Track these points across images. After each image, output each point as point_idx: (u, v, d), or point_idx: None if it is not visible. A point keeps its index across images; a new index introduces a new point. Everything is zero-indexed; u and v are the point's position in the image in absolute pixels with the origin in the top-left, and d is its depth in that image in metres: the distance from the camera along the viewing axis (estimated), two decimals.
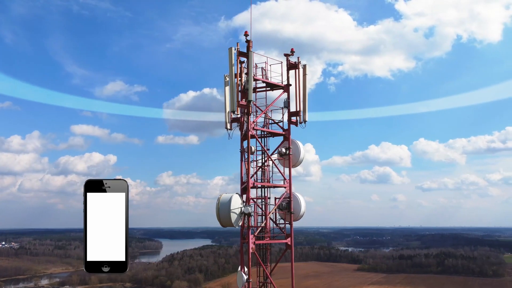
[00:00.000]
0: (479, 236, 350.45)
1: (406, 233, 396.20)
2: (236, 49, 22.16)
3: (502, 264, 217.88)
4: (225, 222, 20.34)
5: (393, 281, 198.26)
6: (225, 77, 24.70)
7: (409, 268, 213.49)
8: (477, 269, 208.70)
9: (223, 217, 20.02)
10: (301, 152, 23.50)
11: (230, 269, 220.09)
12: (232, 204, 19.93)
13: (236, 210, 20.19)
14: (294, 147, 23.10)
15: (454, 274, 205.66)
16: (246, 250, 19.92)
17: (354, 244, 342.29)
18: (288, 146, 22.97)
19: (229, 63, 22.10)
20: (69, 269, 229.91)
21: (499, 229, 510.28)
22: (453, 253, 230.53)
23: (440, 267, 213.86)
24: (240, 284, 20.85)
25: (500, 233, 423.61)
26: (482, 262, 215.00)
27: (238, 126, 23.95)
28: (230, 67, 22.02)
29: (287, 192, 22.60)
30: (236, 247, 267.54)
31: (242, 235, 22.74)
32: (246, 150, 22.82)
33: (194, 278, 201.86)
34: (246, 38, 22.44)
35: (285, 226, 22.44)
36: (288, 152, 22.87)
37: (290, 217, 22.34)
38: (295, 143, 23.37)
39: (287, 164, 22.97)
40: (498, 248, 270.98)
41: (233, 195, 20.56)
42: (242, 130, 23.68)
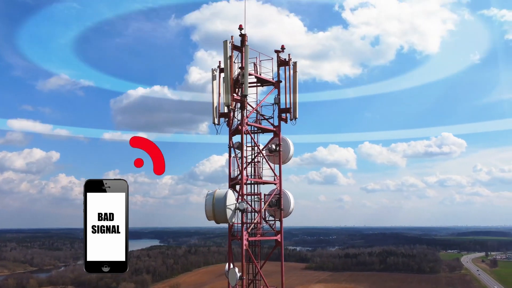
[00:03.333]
0: (418, 235, 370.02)
1: (351, 232, 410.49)
2: (231, 42, 21.76)
3: (438, 261, 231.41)
4: (220, 218, 19.86)
5: (338, 278, 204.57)
6: (212, 71, 24.25)
7: (354, 266, 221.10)
8: (416, 266, 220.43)
9: (219, 213, 19.53)
10: (291, 149, 23.58)
11: (179, 269, 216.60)
12: (228, 200, 19.51)
13: (231, 206, 19.79)
14: (284, 143, 23.10)
15: (395, 271, 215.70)
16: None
17: (302, 243, 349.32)
18: (279, 143, 22.91)
19: (224, 56, 21.65)
20: (4, 272, 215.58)
21: (435, 228, 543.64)
22: (394, 251, 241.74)
23: (383, 265, 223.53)
24: (234, 281, 20.47)
25: (436, 232, 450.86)
26: (420, 259, 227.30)
27: (225, 121, 23.57)
28: (225, 60, 21.58)
29: (278, 189, 22.53)
30: (185, 248, 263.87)
31: (230, 232, 22.37)
32: (234, 145, 22.49)
33: (142, 280, 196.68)
34: (241, 31, 22.13)
35: (275, 222, 22.36)
36: (278, 149, 22.80)
37: (280, 213, 22.29)
38: (285, 140, 23.38)
39: (276, 160, 22.91)
40: (434, 246, 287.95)
41: (228, 191, 20.16)
42: (230, 125, 23.33)
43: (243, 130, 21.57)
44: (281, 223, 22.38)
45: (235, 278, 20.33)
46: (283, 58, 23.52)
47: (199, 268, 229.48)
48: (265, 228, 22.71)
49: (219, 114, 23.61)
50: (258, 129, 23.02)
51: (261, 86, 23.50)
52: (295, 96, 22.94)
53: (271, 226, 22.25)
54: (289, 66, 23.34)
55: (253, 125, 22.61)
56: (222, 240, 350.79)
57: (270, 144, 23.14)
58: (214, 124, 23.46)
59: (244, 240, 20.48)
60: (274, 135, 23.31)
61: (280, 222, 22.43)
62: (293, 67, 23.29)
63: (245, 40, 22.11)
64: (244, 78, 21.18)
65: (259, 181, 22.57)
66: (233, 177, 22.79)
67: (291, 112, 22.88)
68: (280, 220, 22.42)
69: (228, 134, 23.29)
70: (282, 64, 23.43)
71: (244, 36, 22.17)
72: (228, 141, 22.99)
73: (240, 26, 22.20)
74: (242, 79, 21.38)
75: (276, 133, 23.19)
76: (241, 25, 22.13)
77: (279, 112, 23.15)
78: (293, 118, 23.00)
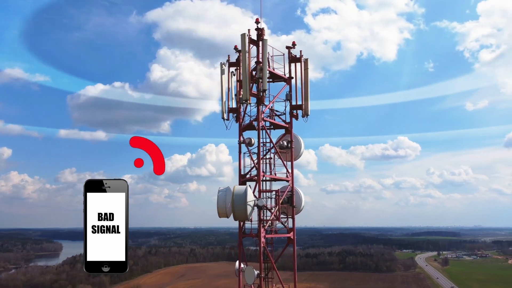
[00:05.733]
0: (375, 235, 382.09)
1: (311, 232, 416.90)
2: (248, 36, 21.29)
3: (394, 261, 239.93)
4: (240, 215, 19.33)
5: (299, 278, 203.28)
6: (221, 65, 23.67)
7: (314, 265, 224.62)
8: (373, 265, 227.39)
9: (239, 209, 18.99)
10: (302, 146, 23.45)
11: (139, 271, 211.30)
12: (248, 196, 19.04)
13: (251, 203, 19.34)
14: (294, 140, 22.90)
15: (354, 271, 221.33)
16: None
17: None
18: (290, 140, 22.71)
19: (242, 50, 21.12)
20: None
21: (391, 228, 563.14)
22: (353, 251, 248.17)
23: (342, 264, 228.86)
24: (251, 280, 20.04)
25: (392, 232, 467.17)
26: (378, 258, 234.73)
27: (234, 116, 23.11)
28: (243, 54, 21.05)
29: (290, 186, 22.32)
30: (145, 248, 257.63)
31: (240, 229, 21.91)
32: (245, 141, 22.04)
33: (99, 281, 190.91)
34: (257, 25, 21.72)
35: (287, 220, 22.12)
36: (290, 146, 22.60)
37: (293, 211, 22.09)
38: (296, 137, 23.19)
39: (286, 157, 22.67)
40: (390, 246, 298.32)
41: (247, 187, 19.69)
42: (240, 121, 22.88)
43: (259, 126, 21.18)
44: (293, 220, 22.19)
45: (252, 277, 19.91)
46: (294, 55, 23.34)
47: (160, 269, 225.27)
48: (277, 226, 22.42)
49: (228, 109, 23.15)
50: (270, 125, 22.71)
51: (273, 81, 23.20)
52: (307, 93, 22.83)
53: (283, 224, 21.99)
54: (301, 62, 23.19)
55: (268, 121, 22.25)
56: (182, 240, 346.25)
57: (282, 141, 22.89)
58: (224, 119, 22.98)
59: (262, 238, 20.09)
60: (286, 132, 23.08)
61: (292, 219, 22.22)
62: (304, 64, 23.16)
63: (262, 34, 21.74)
64: (262, 73, 20.80)
65: (275, 178, 22.26)
66: (243, 174, 22.34)
67: (303, 109, 22.72)
68: (292, 217, 22.21)
69: (238, 130, 22.84)
70: (293, 61, 23.24)
71: (262, 30, 21.80)
72: (238, 137, 22.53)
73: (257, 20, 21.82)
74: (260, 74, 20.99)
75: (288, 130, 22.96)
76: (257, 18, 21.77)
77: (290, 108, 22.95)
78: (305, 115, 22.87)
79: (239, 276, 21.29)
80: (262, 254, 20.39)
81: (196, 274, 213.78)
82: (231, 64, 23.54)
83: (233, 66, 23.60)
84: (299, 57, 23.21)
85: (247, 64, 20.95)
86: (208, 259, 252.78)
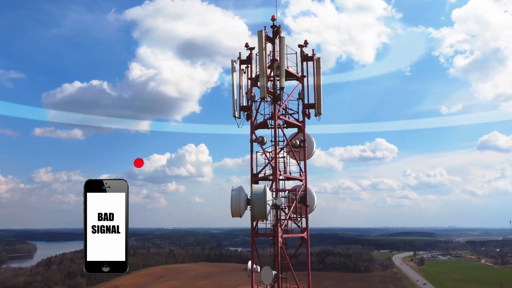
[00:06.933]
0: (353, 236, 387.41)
1: None
2: (265, 33, 20.98)
3: (372, 261, 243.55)
4: (259, 214, 18.98)
5: None
6: (232, 62, 23.30)
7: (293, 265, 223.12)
8: (352, 266, 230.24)
9: (258, 209, 18.64)
10: (314, 145, 23.30)
11: None
12: (267, 195, 18.74)
13: (270, 202, 19.03)
14: (307, 139, 22.71)
15: (333, 271, 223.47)
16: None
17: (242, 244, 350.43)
18: (303, 139, 22.52)
19: (259, 47, 20.80)
20: None
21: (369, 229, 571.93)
22: (332, 251, 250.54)
23: (321, 264, 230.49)
24: (269, 280, 19.72)
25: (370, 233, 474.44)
26: (356, 259, 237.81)
27: (245, 115, 22.77)
28: (260, 51, 20.73)
29: (303, 185, 22.12)
30: None
31: (253, 228, 21.58)
32: (258, 139, 21.76)
33: (76, 283, 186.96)
34: (273, 22, 21.45)
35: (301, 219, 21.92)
36: (303, 145, 22.40)
37: (306, 210, 21.89)
38: (308, 136, 23.01)
39: (299, 156, 22.47)
40: (368, 246, 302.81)
41: (265, 186, 19.38)
42: (252, 119, 22.56)
43: (276, 124, 20.94)
44: (307, 220, 22.00)
45: (270, 277, 19.61)
46: (306, 53, 23.17)
47: (138, 270, 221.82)
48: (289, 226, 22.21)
49: (239, 107, 22.80)
50: (283, 123, 22.48)
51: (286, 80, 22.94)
52: (319, 92, 22.70)
53: (297, 224, 21.80)
54: (313, 61, 23.05)
55: (283, 119, 22.00)
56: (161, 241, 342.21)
57: (294, 140, 22.68)
58: (235, 117, 22.62)
59: (279, 238, 19.83)
60: (299, 131, 22.90)
61: (306, 219, 22.03)
62: (317, 62, 23.03)
63: (279, 31, 21.49)
64: (280, 71, 20.54)
65: (289, 177, 22.04)
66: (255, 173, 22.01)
67: (315, 108, 22.58)
68: (306, 217, 22.02)
69: (250, 128, 22.52)
70: (306, 59, 23.07)
71: (279, 28, 21.54)
72: (250, 135, 22.22)
73: (273, 17, 21.57)
74: (277, 71, 20.73)
75: (301, 129, 22.78)
76: (273, 16, 21.52)
77: (303, 107, 22.77)
78: (317, 114, 22.74)
79: (252, 277, 21.00)
80: (279, 255, 20.08)
81: (175, 275, 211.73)
82: (242, 61, 23.21)
83: (244, 63, 23.29)
84: (311, 55, 23.08)
85: (264, 62, 20.64)
86: (188, 260, 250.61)
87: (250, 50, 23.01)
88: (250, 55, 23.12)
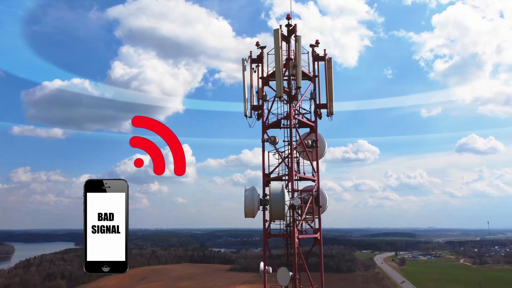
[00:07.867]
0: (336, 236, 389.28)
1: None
2: (281, 32, 20.79)
3: (354, 261, 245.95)
4: (277, 214, 18.73)
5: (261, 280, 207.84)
6: (243, 61, 23.08)
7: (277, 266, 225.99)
8: (335, 266, 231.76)
9: (277, 209, 18.39)
10: (326, 145, 23.26)
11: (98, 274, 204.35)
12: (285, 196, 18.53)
13: (287, 202, 18.84)
14: (319, 139, 22.65)
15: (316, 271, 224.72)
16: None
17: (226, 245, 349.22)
18: (315, 139, 22.43)
19: (275, 46, 20.62)
20: None
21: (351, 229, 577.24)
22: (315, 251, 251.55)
23: None
24: (285, 281, 19.53)
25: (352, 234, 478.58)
26: (339, 259, 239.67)
27: (256, 114, 22.56)
28: (276, 50, 20.56)
29: (316, 186, 22.03)
30: None
31: (265, 229, 21.38)
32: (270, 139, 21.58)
33: (55, 285, 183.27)
34: (289, 21, 21.29)
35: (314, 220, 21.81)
36: (315, 145, 22.31)
37: (319, 210, 21.80)
38: (320, 136, 22.93)
39: (312, 156, 22.37)
40: (350, 246, 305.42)
41: (283, 185, 19.17)
42: (263, 118, 22.37)
43: (291, 124, 20.79)
44: (320, 220, 21.94)
45: (287, 278, 19.42)
46: (317, 53, 23.13)
47: None
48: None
49: (251, 106, 22.57)
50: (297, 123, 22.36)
51: None
52: (331, 92, 22.67)
53: (310, 224, 21.69)
54: (325, 61, 23.01)
55: (298, 119, 21.88)
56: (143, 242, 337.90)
57: (306, 140, 22.58)
58: (246, 117, 22.39)
59: (296, 239, 19.67)
60: (311, 131, 22.82)
61: (318, 219, 21.95)
62: (328, 62, 23.00)
63: (295, 30, 21.34)
64: (296, 70, 20.41)
65: (303, 177, 21.91)
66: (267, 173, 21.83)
67: (327, 108, 22.53)
68: (318, 217, 21.94)
69: (262, 128, 22.32)
70: (317, 59, 23.02)
71: (295, 26, 21.39)
72: (262, 135, 22.03)
73: (288, 16, 21.43)
74: (293, 71, 20.60)
75: (313, 129, 22.70)
76: (289, 14, 21.38)
77: (315, 107, 22.70)
78: (329, 114, 22.70)
79: (264, 278, 20.79)
80: (296, 256, 19.92)
81: (158, 276, 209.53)
82: (253, 60, 23.03)
83: (255, 62, 23.10)
84: (322, 55, 23.04)
85: (280, 61, 20.47)
86: (170, 261, 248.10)
87: (261, 49, 22.85)
88: (261, 54, 22.96)
